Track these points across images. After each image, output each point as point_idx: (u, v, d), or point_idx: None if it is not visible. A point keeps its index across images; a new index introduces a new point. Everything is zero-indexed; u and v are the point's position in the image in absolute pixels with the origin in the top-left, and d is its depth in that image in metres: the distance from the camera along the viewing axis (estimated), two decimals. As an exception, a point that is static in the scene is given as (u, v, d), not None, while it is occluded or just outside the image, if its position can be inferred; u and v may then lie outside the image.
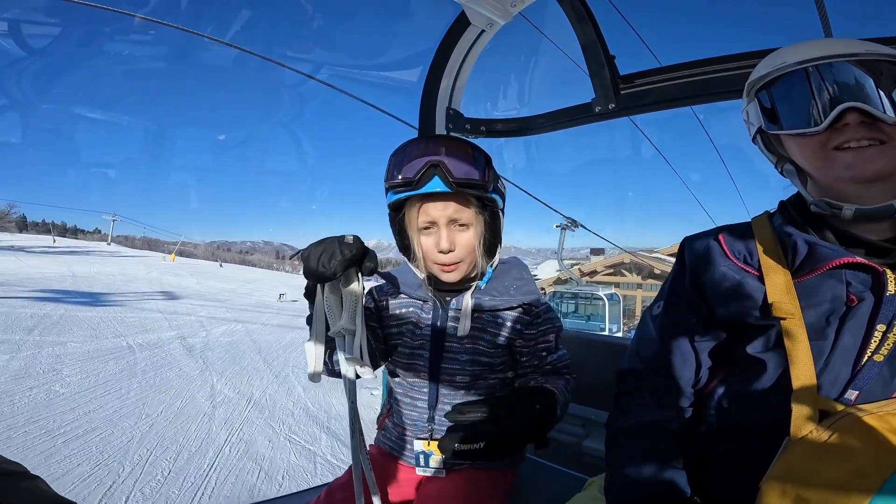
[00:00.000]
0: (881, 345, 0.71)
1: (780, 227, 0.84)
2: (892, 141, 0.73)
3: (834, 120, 0.75)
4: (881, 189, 0.76)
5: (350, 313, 0.98)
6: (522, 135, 1.78)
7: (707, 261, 0.89)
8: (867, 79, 0.74)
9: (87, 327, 10.54)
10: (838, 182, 0.78)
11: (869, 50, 0.74)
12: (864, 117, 0.73)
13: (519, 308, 1.19)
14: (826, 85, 0.76)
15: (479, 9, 1.51)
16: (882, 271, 0.73)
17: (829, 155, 0.77)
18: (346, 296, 0.99)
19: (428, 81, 1.78)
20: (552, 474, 1.46)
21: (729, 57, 1.39)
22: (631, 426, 0.92)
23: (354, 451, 1.03)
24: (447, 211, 1.11)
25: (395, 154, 1.13)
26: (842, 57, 0.75)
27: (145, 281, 24.00)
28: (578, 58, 1.61)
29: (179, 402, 6.38)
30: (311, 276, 0.96)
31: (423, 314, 1.21)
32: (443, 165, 1.06)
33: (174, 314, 13.57)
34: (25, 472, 0.72)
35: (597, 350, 1.69)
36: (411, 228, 1.16)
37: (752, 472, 0.73)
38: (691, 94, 1.44)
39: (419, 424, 1.19)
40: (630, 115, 1.59)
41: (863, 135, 0.74)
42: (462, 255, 1.14)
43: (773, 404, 0.76)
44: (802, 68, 0.78)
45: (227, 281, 32.36)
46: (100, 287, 18.68)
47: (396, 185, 1.10)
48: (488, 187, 1.12)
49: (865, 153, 0.74)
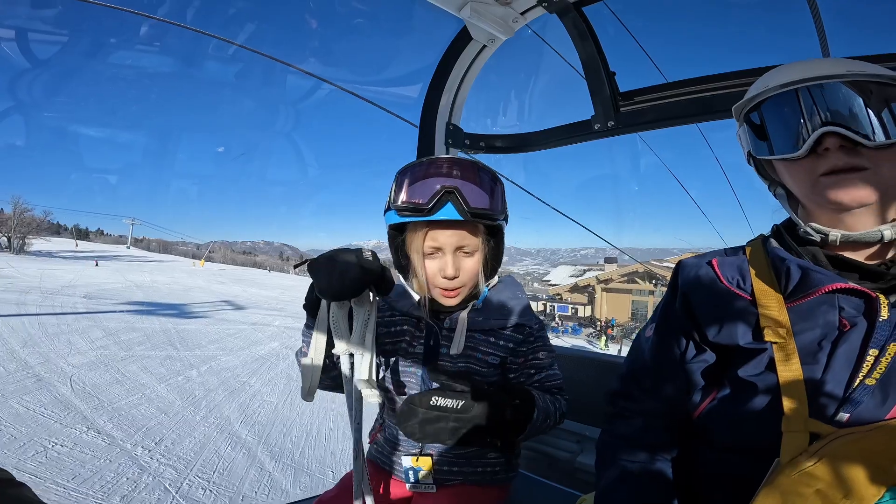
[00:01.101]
0: (873, 369, 0.71)
1: (773, 252, 0.84)
2: (875, 166, 0.73)
3: (815, 144, 0.74)
4: (868, 215, 0.76)
5: (360, 332, 0.95)
6: (521, 151, 1.79)
7: (700, 285, 0.89)
8: (852, 100, 0.73)
9: (208, 341, 11.04)
10: (824, 208, 0.79)
11: (851, 70, 0.74)
12: (844, 141, 0.73)
13: (512, 327, 1.17)
14: (805, 109, 0.75)
15: (481, 24, 1.53)
16: (875, 297, 0.73)
17: (816, 181, 0.77)
18: (358, 314, 0.95)
19: (428, 96, 1.79)
20: (545, 490, 1.45)
21: (729, 74, 1.40)
22: (621, 444, 0.92)
23: (357, 474, 1.01)
24: (455, 239, 1.07)
25: (404, 173, 1.08)
26: (822, 79, 0.74)
27: (199, 290, 24.73)
28: (578, 74, 1.62)
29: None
30: (325, 292, 0.91)
31: (417, 332, 1.19)
32: (458, 192, 1.02)
33: (256, 325, 14.06)
34: (11, 479, 0.71)
35: (590, 367, 1.69)
36: (414, 252, 1.11)
37: (741, 493, 0.72)
38: (691, 113, 1.44)
39: (410, 441, 1.18)
40: (630, 133, 1.59)
41: (845, 161, 0.74)
42: (465, 281, 1.11)
43: (764, 427, 0.76)
44: (784, 92, 0.77)
45: (266, 287, 33.08)
46: (169, 298, 19.30)
47: (404, 209, 1.05)
48: (500, 217, 1.10)
49: (847, 179, 0.74)
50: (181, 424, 6.04)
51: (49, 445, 5.01)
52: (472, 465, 1.18)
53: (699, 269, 0.91)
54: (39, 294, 16.01)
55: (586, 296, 42.07)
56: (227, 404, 6.90)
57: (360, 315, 0.95)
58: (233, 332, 12.51)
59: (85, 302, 15.24)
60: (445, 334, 1.17)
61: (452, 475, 1.17)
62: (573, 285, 42.63)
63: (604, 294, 40.02)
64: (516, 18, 1.57)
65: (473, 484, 1.18)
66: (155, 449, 5.28)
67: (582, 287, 42.53)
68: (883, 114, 0.72)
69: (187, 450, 5.37)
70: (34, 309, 12.77)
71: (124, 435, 5.53)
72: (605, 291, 39.92)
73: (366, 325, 0.96)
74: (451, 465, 1.17)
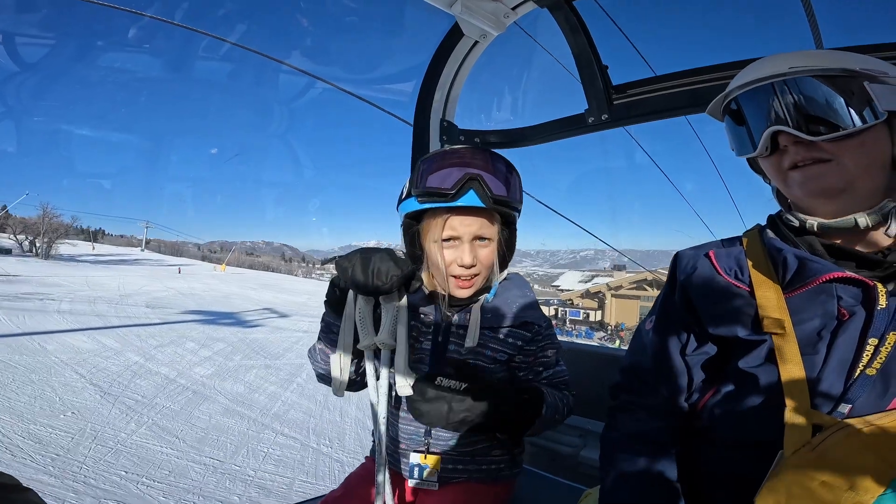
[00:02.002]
0: (873, 358, 0.71)
1: (769, 242, 0.84)
2: (837, 157, 0.74)
3: (774, 143, 0.77)
4: (842, 203, 0.76)
5: (391, 328, 0.98)
6: (516, 146, 1.78)
7: (697, 276, 0.89)
8: (800, 97, 0.74)
9: (281, 349, 11.13)
10: (799, 200, 0.81)
11: (794, 67, 0.75)
12: (798, 138, 0.74)
13: (520, 325, 1.18)
14: (757, 109, 0.78)
15: (472, 20, 1.52)
16: (873, 285, 0.73)
17: (785, 175, 0.79)
18: (388, 310, 0.99)
19: (422, 93, 1.78)
20: (550, 485, 1.45)
21: (723, 66, 1.39)
22: (624, 440, 0.92)
23: (380, 469, 1.06)
24: (474, 227, 1.09)
25: (427, 161, 1.10)
26: (766, 80, 0.76)
27: (237, 297, 25.12)
28: (571, 68, 1.61)
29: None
30: (361, 287, 0.95)
31: (424, 328, 1.19)
32: (481, 179, 1.04)
33: (308, 332, 14.18)
34: (17, 484, 0.71)
35: (594, 362, 1.69)
36: (430, 240, 1.11)
37: (745, 485, 0.73)
38: (684, 105, 1.44)
39: (416, 438, 1.18)
40: (623, 126, 1.59)
41: (803, 155, 0.76)
42: (480, 270, 1.13)
43: (766, 419, 0.76)
44: (742, 93, 0.80)
45: (294, 293, 33.41)
46: (216, 306, 19.63)
47: (426, 194, 1.06)
48: (518, 206, 1.12)
49: (811, 171, 0.76)
50: (329, 425, 6.37)
51: (263, 449, 5.39)
52: (477, 463, 1.18)
53: (697, 261, 0.91)
54: (106, 304, 16.14)
55: (596, 301, 45.21)
56: (345, 404, 7.11)
57: (390, 311, 0.99)
58: (293, 340, 12.62)
59: (151, 312, 15.40)
60: (454, 331, 1.17)
61: (458, 473, 1.17)
62: (585, 291, 46.59)
63: (613, 300, 42.66)
64: (507, 14, 1.56)
65: (478, 481, 1.18)
66: (337, 446, 5.69)
67: (593, 293, 45.97)
68: (832, 106, 0.72)
69: (353, 443, 5.77)
70: (116, 321, 12.83)
71: (301, 436, 5.89)
72: (615, 297, 42.63)
73: (395, 320, 0.99)
74: (457, 464, 1.17)
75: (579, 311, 45.22)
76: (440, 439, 1.17)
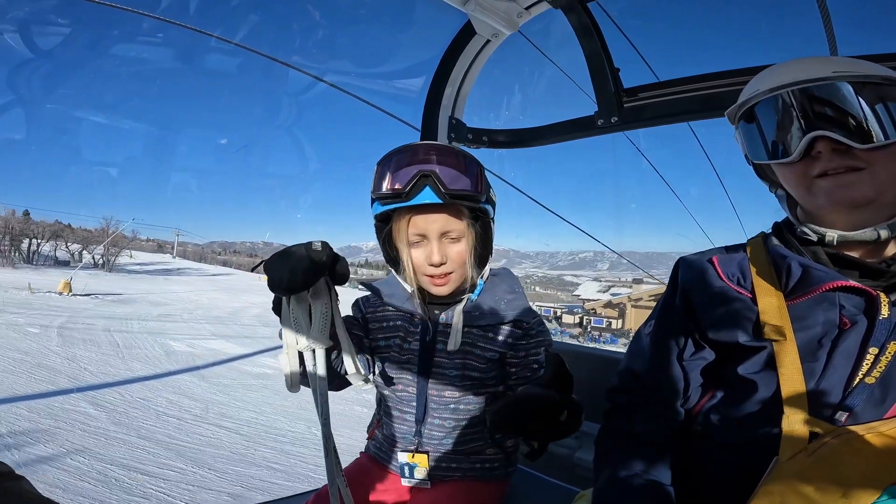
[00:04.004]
0: (873, 367, 0.71)
1: (774, 250, 0.84)
2: (870, 166, 0.73)
3: (807, 148, 0.74)
4: (866, 214, 0.76)
5: (319, 327, 0.92)
6: (524, 146, 1.78)
7: (700, 282, 0.89)
8: (843, 102, 0.72)
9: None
10: (821, 210, 0.79)
11: (838, 71, 0.73)
12: (836, 144, 0.73)
13: (510, 322, 1.16)
14: (795, 113, 0.75)
15: (485, 18, 1.52)
16: (875, 295, 0.72)
17: (811, 183, 0.77)
18: (315, 307, 0.93)
19: (432, 90, 1.78)
20: (543, 486, 1.45)
21: (735, 71, 1.38)
22: (619, 442, 0.92)
23: (329, 469, 0.97)
24: (438, 224, 1.07)
25: (383, 163, 1.09)
26: (809, 82, 0.74)
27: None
28: (575, 70, 1.61)
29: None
30: (276, 288, 0.89)
31: (412, 328, 1.18)
32: (434, 175, 1.02)
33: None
34: (11, 472, 0.72)
35: (590, 362, 1.68)
36: (400, 241, 1.11)
37: (740, 490, 0.72)
38: (695, 110, 1.43)
39: (407, 437, 1.18)
40: (633, 129, 1.59)
41: (838, 163, 0.74)
42: (453, 268, 1.10)
43: (763, 425, 0.76)
44: (773, 96, 0.77)
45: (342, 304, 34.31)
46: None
47: (384, 197, 1.06)
48: (481, 198, 1.08)
49: (843, 180, 0.74)
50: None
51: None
52: (471, 462, 1.18)
53: (700, 266, 0.91)
54: (238, 325, 16.67)
55: (617, 311, 51.39)
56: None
57: (318, 308, 0.93)
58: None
59: (269, 331, 15.51)
60: (441, 329, 1.15)
61: (451, 471, 1.17)
62: (607, 302, 53.16)
63: (633, 310, 48.17)
64: (521, 13, 1.56)
65: (472, 479, 1.18)
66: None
67: (615, 304, 52.80)
68: (876, 114, 0.71)
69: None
70: (269, 342, 13.22)
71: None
72: (634, 307, 48.02)
73: (325, 317, 0.93)
74: (450, 462, 1.17)
75: (602, 320, 51.22)
76: (432, 438, 1.16)
